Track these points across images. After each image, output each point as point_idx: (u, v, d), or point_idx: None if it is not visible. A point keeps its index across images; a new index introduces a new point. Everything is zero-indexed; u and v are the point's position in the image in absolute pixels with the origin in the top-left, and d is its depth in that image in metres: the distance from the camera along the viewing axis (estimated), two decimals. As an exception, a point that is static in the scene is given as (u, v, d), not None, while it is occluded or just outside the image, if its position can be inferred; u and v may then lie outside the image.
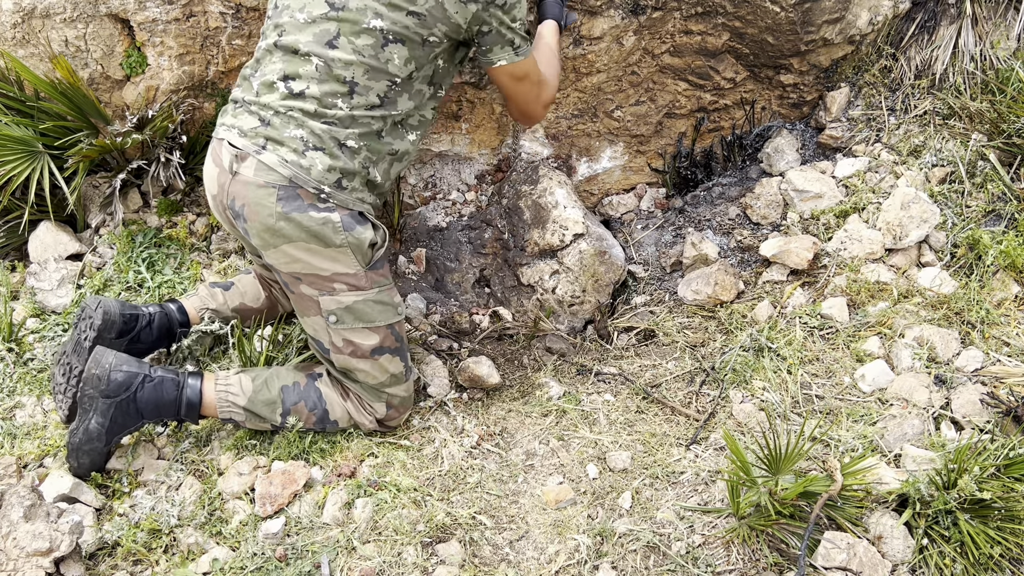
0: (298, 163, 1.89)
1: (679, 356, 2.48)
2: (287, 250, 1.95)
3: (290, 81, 1.91)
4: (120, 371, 1.95)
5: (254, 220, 1.94)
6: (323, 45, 1.89)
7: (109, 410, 1.94)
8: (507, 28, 2.00)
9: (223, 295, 2.36)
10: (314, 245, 1.94)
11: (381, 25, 1.88)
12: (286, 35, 1.92)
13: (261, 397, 2.05)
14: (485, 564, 1.84)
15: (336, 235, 1.94)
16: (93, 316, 2.12)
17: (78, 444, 1.95)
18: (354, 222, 1.96)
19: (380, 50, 1.90)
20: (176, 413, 2.02)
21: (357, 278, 2.00)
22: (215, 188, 2.01)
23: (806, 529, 1.73)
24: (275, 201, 1.90)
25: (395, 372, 2.11)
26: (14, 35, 2.51)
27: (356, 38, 1.88)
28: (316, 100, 1.90)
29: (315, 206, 1.92)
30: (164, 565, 1.84)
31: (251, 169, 1.91)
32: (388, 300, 2.07)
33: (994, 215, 2.51)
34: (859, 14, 2.66)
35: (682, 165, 2.96)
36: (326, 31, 1.89)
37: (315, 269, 1.98)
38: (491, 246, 2.86)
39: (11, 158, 2.48)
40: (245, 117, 1.96)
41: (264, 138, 1.92)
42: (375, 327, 2.05)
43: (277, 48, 1.94)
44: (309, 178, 1.90)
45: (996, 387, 2.10)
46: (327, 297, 2.00)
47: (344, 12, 1.88)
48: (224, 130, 1.99)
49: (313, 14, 1.90)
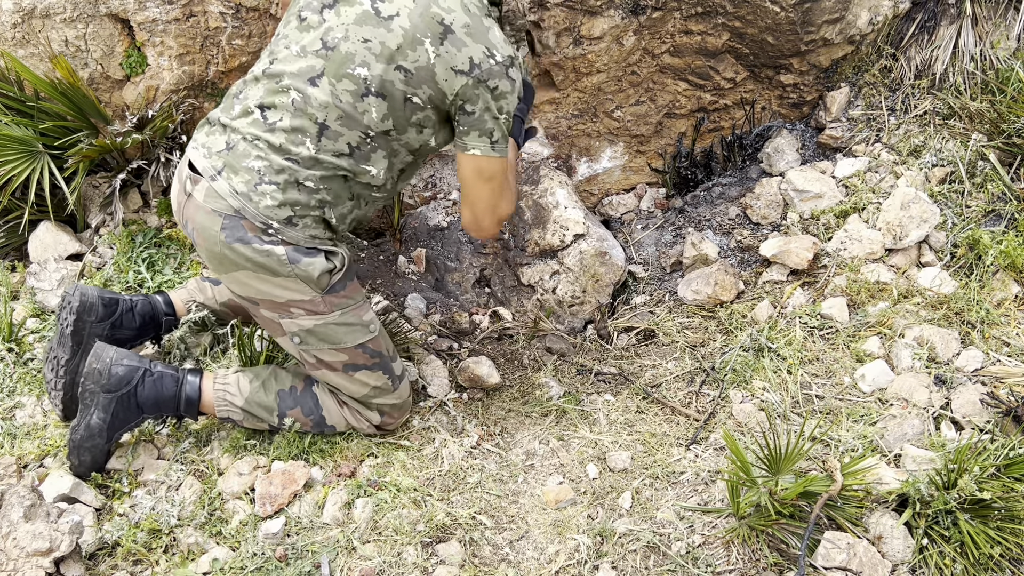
0: (248, 195, 1.84)
1: (679, 356, 2.48)
2: (238, 276, 1.92)
3: (266, 111, 1.86)
4: (121, 365, 1.96)
5: (202, 245, 1.91)
6: (305, 80, 1.84)
7: (110, 405, 1.95)
8: (491, 116, 1.88)
9: (212, 289, 2.35)
10: (262, 274, 1.90)
11: (365, 74, 1.82)
12: (276, 64, 1.88)
13: (257, 399, 2.05)
14: (485, 564, 1.84)
15: (282, 267, 1.88)
16: (72, 301, 2.11)
17: (80, 441, 1.95)
18: (300, 255, 1.89)
19: (359, 99, 1.83)
20: (175, 409, 2.03)
21: (314, 304, 1.94)
22: (175, 206, 2.00)
23: (806, 529, 1.73)
24: (219, 230, 1.86)
25: (377, 385, 2.07)
26: (14, 35, 2.51)
27: (338, 82, 1.83)
28: (285, 134, 1.84)
29: (259, 238, 1.86)
30: (164, 565, 1.84)
31: (202, 194, 1.88)
32: (354, 320, 2.00)
33: (994, 215, 2.51)
34: (859, 14, 2.66)
35: (682, 165, 2.96)
36: (312, 67, 1.84)
37: (268, 295, 1.93)
38: (491, 246, 2.86)
39: (11, 158, 2.48)
40: (216, 137, 1.92)
41: (223, 163, 1.87)
42: (342, 348, 2.00)
43: (264, 75, 1.89)
44: (257, 212, 1.84)
45: (996, 387, 2.09)
46: (287, 320, 1.96)
47: (333, 52, 1.83)
48: (193, 148, 1.94)
49: (306, 48, 1.86)
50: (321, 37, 1.84)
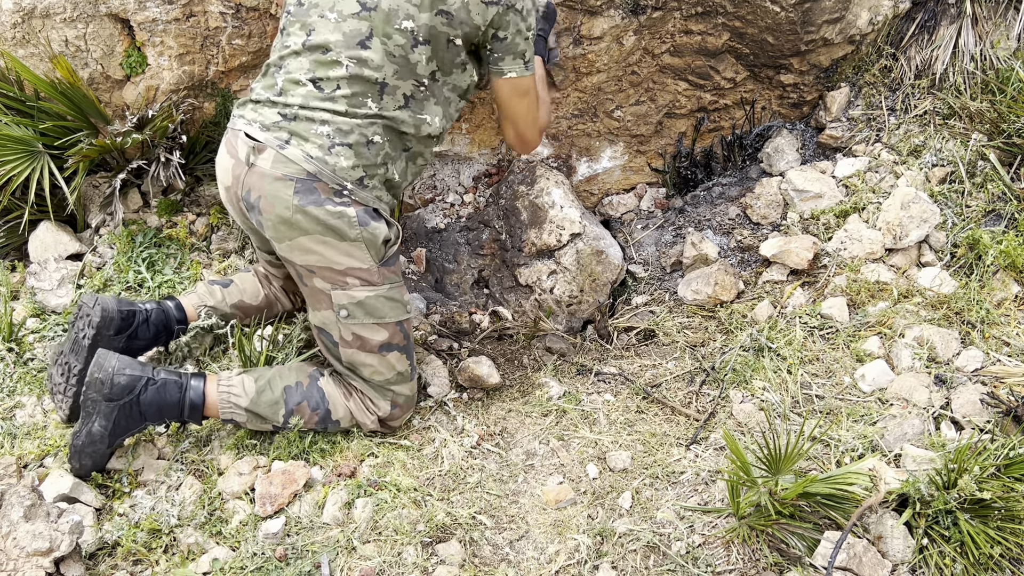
0: (323, 159, 1.91)
1: (679, 356, 2.48)
2: (302, 242, 1.96)
3: (319, 83, 1.93)
4: (123, 375, 1.95)
5: (269, 212, 1.95)
6: (355, 45, 1.91)
7: (112, 413, 1.95)
8: (522, 38, 2.02)
9: (221, 292, 2.36)
10: (329, 238, 1.95)
11: (412, 26, 1.91)
12: (315, 34, 1.94)
13: (264, 398, 2.05)
14: (485, 564, 1.84)
15: (351, 229, 1.95)
16: (91, 314, 2.11)
17: (81, 447, 1.95)
18: (369, 218, 1.97)
19: (411, 51, 1.93)
20: (179, 415, 2.03)
21: (370, 273, 2.02)
22: (229, 180, 2.02)
23: (841, 535, 1.72)
24: (292, 194, 1.91)
25: (401, 370, 2.12)
26: (14, 35, 2.51)
27: (388, 39, 1.91)
28: (346, 100, 1.92)
29: (332, 200, 1.93)
30: (164, 565, 1.84)
31: (268, 161, 1.92)
32: (398, 297, 2.09)
33: (994, 215, 2.51)
34: (859, 14, 2.66)
35: (682, 165, 2.96)
36: (358, 31, 1.91)
37: (329, 262, 1.99)
38: (489, 247, 2.86)
39: (11, 158, 2.48)
40: (267, 111, 1.97)
41: (288, 132, 1.93)
42: (384, 323, 2.06)
43: (305, 48, 1.95)
44: (333, 175, 1.92)
45: (996, 387, 2.09)
46: (339, 291, 2.02)
47: (376, 12, 1.91)
48: (244, 123, 1.99)
49: (344, 13, 1.92)
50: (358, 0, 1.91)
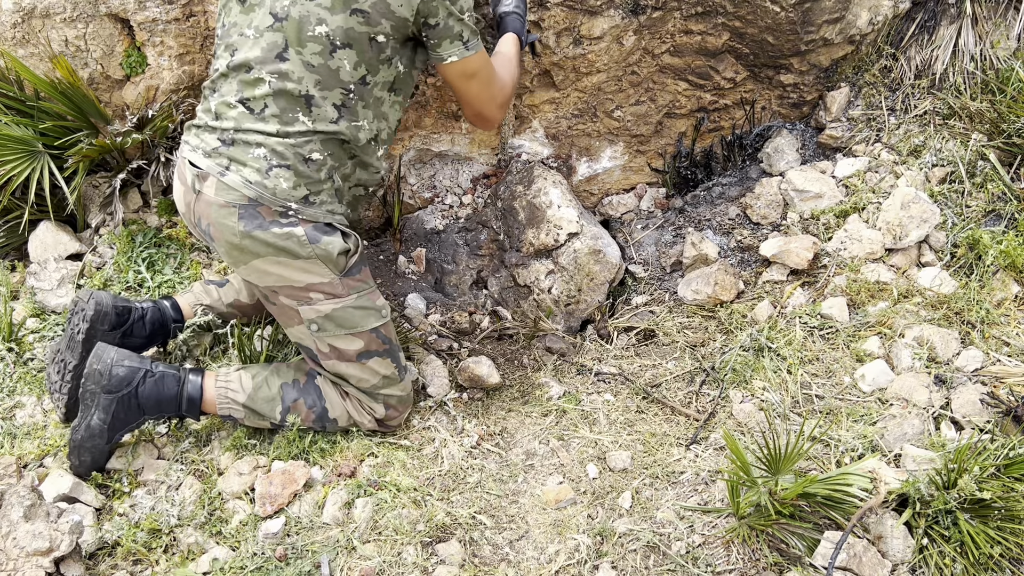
0: (262, 183, 1.87)
1: (679, 356, 2.48)
2: (257, 265, 1.94)
3: (248, 103, 1.89)
4: (122, 366, 1.96)
5: (220, 239, 1.93)
6: (273, 59, 1.86)
7: (111, 406, 1.95)
8: (455, 19, 1.93)
9: (218, 291, 2.36)
10: (282, 258, 1.92)
11: (326, 31, 1.84)
12: (237, 53, 1.89)
13: (261, 394, 2.05)
14: (485, 564, 1.84)
15: (302, 248, 1.91)
16: (85, 308, 2.11)
17: (80, 441, 1.95)
18: (320, 234, 1.93)
19: (329, 57, 1.86)
20: (177, 409, 2.03)
21: (333, 286, 1.98)
22: (183, 207, 2.01)
23: (842, 536, 1.72)
24: (236, 220, 1.88)
25: (386, 374, 2.10)
26: (14, 35, 2.51)
27: (303, 48, 1.85)
28: (276, 118, 1.87)
29: (277, 222, 1.89)
30: (164, 565, 1.84)
31: (212, 189, 1.89)
32: (369, 304, 2.04)
33: (994, 215, 2.51)
34: (859, 14, 2.66)
35: (682, 165, 2.96)
36: (274, 43, 1.86)
37: (289, 281, 1.96)
38: (487, 247, 2.86)
39: (11, 158, 2.48)
40: (207, 136, 1.94)
41: (227, 159, 1.89)
42: (358, 332, 2.03)
43: (231, 69, 1.90)
44: (274, 197, 1.87)
45: (996, 387, 2.09)
46: (306, 307, 1.99)
47: (288, 22, 1.84)
48: (188, 150, 1.96)
49: (260, 27, 1.87)
50: (270, 11, 1.86)
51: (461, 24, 1.95)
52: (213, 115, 1.94)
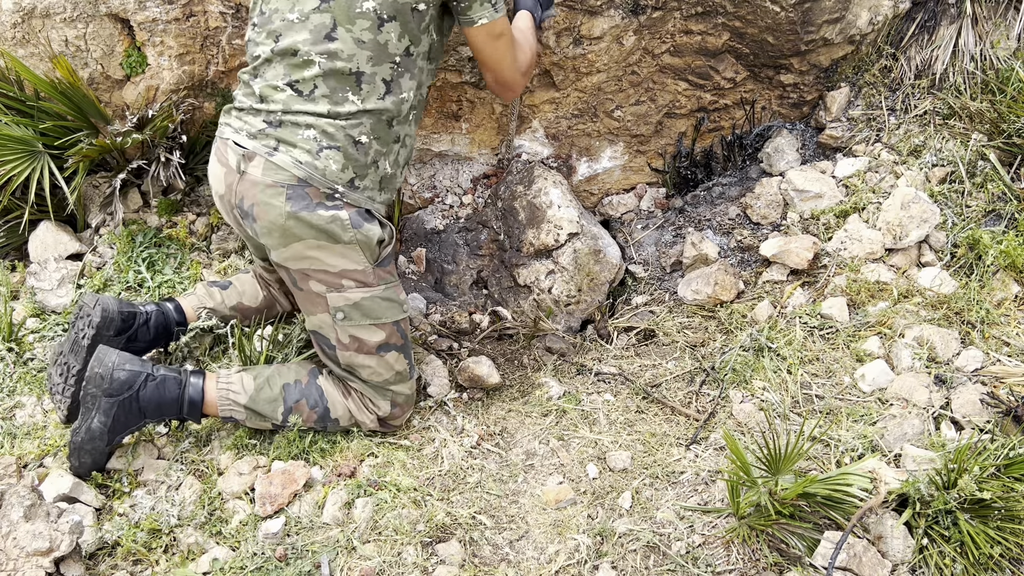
0: (312, 164, 1.90)
1: (679, 356, 2.48)
2: (297, 248, 1.96)
3: (296, 85, 1.91)
4: (123, 370, 1.96)
5: (263, 219, 1.94)
6: (322, 39, 1.88)
7: (112, 409, 1.95)
8: None
9: (221, 294, 2.36)
10: (323, 242, 1.95)
11: (373, 5, 1.87)
12: (282, 39, 1.91)
13: (263, 395, 2.05)
14: (485, 564, 1.84)
15: (345, 232, 1.95)
16: (92, 314, 2.11)
17: (80, 443, 1.95)
18: (362, 219, 1.97)
19: (378, 32, 1.89)
20: (178, 412, 2.03)
21: (365, 275, 2.02)
22: (222, 188, 2.02)
23: (842, 536, 1.72)
24: (284, 200, 1.91)
25: (400, 369, 2.12)
26: (14, 35, 2.51)
27: (352, 25, 1.88)
28: (326, 99, 1.90)
29: (323, 204, 1.92)
30: (164, 565, 1.84)
31: (259, 169, 1.92)
32: (395, 297, 2.08)
33: (994, 215, 2.51)
34: (859, 14, 2.66)
35: (682, 165, 2.96)
36: (322, 24, 1.88)
37: (324, 266, 1.99)
38: (487, 247, 2.86)
39: (11, 158, 2.48)
40: (252, 119, 1.96)
41: (276, 139, 1.92)
42: (382, 324, 2.06)
43: (276, 54, 1.92)
44: (323, 179, 1.91)
45: (996, 387, 2.09)
46: (335, 294, 2.01)
47: (335, 2, 1.87)
48: (231, 131, 1.99)
49: (304, 10, 1.89)
50: None
51: None
52: (258, 98, 1.96)
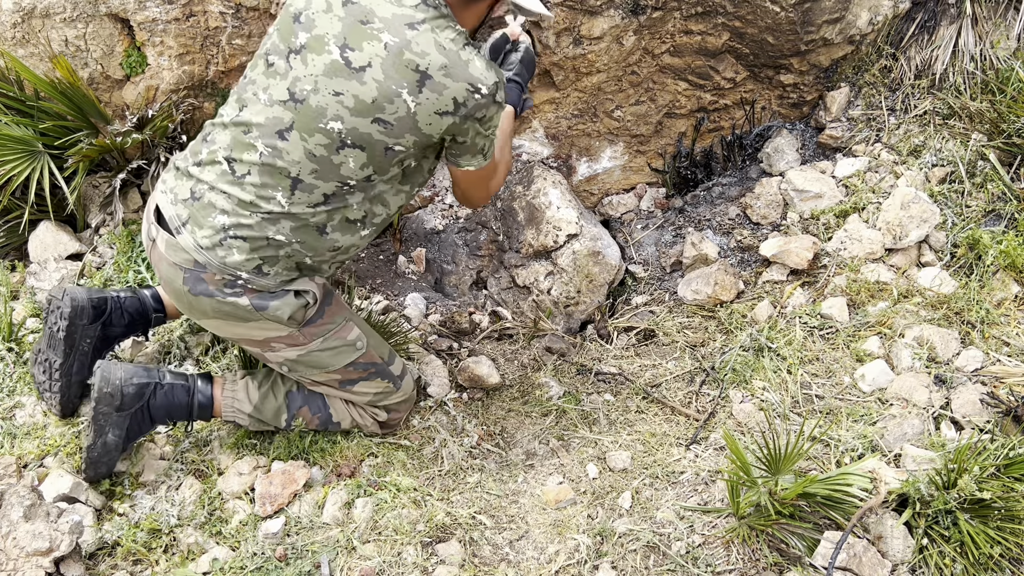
0: (213, 251, 1.79)
1: (679, 356, 2.48)
2: (209, 323, 1.92)
3: (233, 163, 1.79)
4: (131, 384, 1.95)
5: (170, 292, 1.91)
6: (273, 134, 1.75)
7: (124, 422, 1.96)
8: (482, 137, 1.83)
9: None
10: (230, 321, 1.88)
11: (340, 128, 1.72)
12: (244, 111, 1.79)
13: (267, 405, 2.06)
14: (485, 564, 1.84)
15: (250, 315, 1.86)
16: (62, 305, 2.10)
17: (97, 458, 1.96)
18: (266, 300, 1.84)
19: (334, 153, 1.74)
20: (188, 416, 2.04)
21: (292, 338, 1.92)
22: (145, 245, 1.97)
23: (842, 536, 1.72)
24: (181, 283, 1.84)
25: (379, 390, 2.08)
26: (14, 35, 2.51)
27: (310, 136, 1.73)
28: (254, 188, 1.77)
29: (221, 291, 1.83)
30: (164, 565, 1.84)
31: (163, 245, 1.85)
32: (338, 344, 1.98)
33: (994, 215, 2.51)
34: (859, 14, 2.66)
35: (682, 165, 2.96)
36: (279, 119, 1.74)
37: (245, 336, 1.93)
38: (487, 248, 2.86)
39: (11, 158, 2.48)
40: (182, 183, 1.86)
41: (188, 215, 1.82)
42: (331, 371, 2.00)
43: (232, 123, 1.80)
44: (223, 265, 1.79)
45: (996, 387, 2.09)
46: (271, 353, 1.96)
47: (303, 106, 1.72)
48: (160, 192, 1.89)
49: (273, 97, 1.75)
50: (288, 87, 1.73)
51: (486, 139, 1.85)
52: (197, 161, 1.85)
